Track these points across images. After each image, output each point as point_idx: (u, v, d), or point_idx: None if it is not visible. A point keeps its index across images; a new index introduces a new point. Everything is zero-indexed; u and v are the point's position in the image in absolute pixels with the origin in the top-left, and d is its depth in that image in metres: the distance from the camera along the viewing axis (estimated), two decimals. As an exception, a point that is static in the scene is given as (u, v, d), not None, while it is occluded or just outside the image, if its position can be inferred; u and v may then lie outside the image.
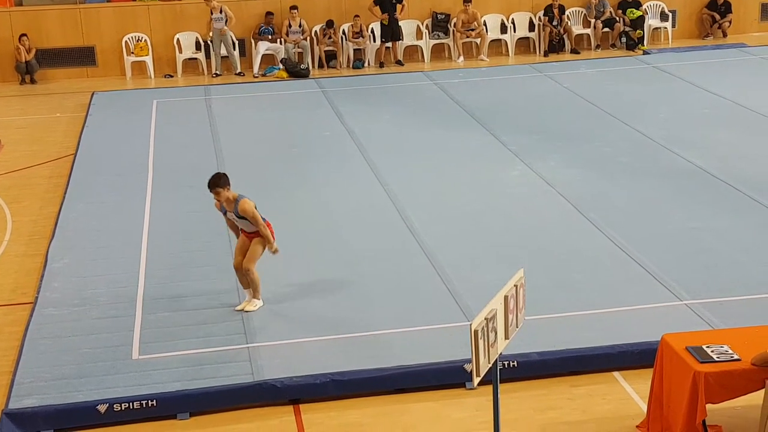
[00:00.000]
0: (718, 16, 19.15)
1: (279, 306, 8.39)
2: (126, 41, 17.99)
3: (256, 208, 8.11)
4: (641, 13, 18.79)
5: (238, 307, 8.26)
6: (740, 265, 8.83)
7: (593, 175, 11.50)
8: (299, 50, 18.12)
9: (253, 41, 18.12)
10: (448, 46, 18.80)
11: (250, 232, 8.20)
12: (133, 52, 18.04)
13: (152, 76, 18.00)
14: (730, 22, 19.16)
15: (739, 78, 15.89)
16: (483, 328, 5.64)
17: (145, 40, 18.02)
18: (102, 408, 6.84)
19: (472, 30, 18.55)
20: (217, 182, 8.03)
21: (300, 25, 18.10)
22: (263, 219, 8.14)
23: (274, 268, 8.93)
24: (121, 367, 7.37)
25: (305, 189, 11.38)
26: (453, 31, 18.59)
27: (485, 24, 18.72)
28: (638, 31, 18.69)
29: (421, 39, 18.69)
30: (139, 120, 14.76)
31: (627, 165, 11.80)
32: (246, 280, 8.27)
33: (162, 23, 18.14)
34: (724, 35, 19.20)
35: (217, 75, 17.84)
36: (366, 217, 10.45)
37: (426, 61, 18.61)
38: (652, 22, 19.12)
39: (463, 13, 18.50)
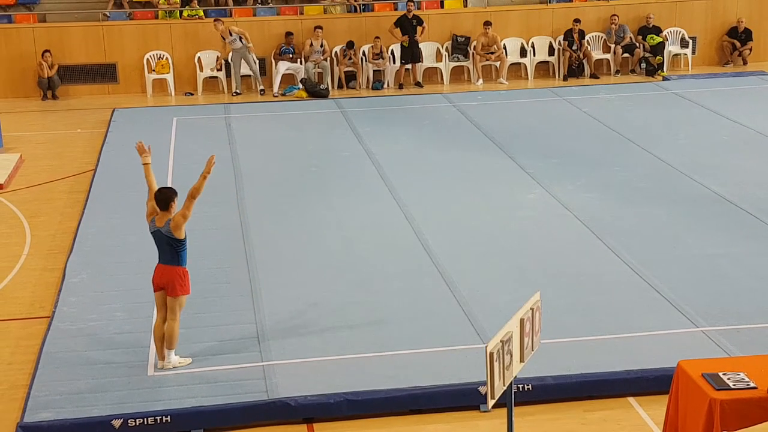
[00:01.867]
0: (738, 44, 19.13)
1: (294, 324, 8.40)
2: (147, 59, 18.17)
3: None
4: (661, 39, 18.80)
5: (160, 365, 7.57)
6: (757, 292, 8.78)
7: (610, 199, 11.49)
8: (319, 70, 18.23)
9: (273, 61, 18.25)
10: (468, 68, 18.87)
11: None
12: (154, 70, 18.21)
13: (173, 93, 18.15)
14: (750, 49, 19.14)
15: (758, 106, 15.85)
16: (498, 351, 5.63)
17: (167, 58, 18.19)
18: (116, 423, 6.86)
19: (492, 53, 18.61)
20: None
21: (321, 46, 18.22)
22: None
23: (291, 286, 8.96)
24: (137, 383, 7.39)
25: (323, 208, 11.42)
26: (473, 53, 18.66)
27: (505, 47, 18.78)
28: (658, 57, 18.70)
29: (441, 61, 18.77)
30: (159, 137, 14.85)
31: (644, 190, 11.78)
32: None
33: (183, 41, 18.31)
34: (745, 63, 19.17)
35: (237, 94, 17.96)
36: (383, 237, 10.46)
37: (445, 83, 18.68)
38: (672, 48, 19.13)
39: (483, 36, 18.57)
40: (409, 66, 18.48)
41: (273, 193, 12.04)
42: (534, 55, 18.96)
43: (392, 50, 18.48)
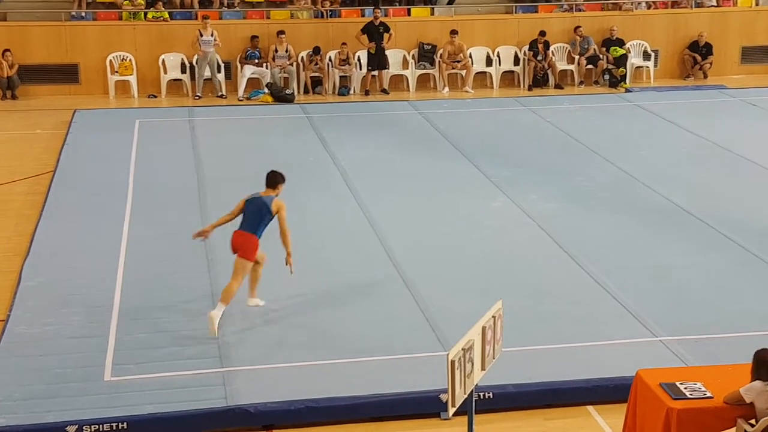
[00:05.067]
0: (699, 58, 19.38)
1: (256, 330, 8.34)
2: (110, 60, 17.97)
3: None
4: (624, 52, 18.99)
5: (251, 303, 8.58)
6: (715, 303, 8.88)
7: (573, 209, 11.56)
8: (285, 75, 18.17)
9: (239, 64, 18.15)
10: (434, 76, 18.92)
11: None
12: (117, 71, 18.02)
13: (136, 96, 17.98)
14: (711, 63, 19.40)
15: (718, 119, 16.06)
16: (460, 359, 5.63)
17: (130, 60, 18.02)
18: (71, 429, 6.73)
19: (458, 62, 18.68)
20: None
21: (287, 51, 18.17)
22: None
23: (262, 294, 8.89)
24: (93, 389, 7.28)
25: (288, 213, 11.33)
26: (439, 61, 18.72)
27: (471, 56, 18.86)
28: (621, 69, 18.88)
29: (407, 69, 18.80)
30: (121, 139, 14.71)
31: (607, 200, 11.87)
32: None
33: (148, 43, 18.14)
34: (705, 76, 19.43)
35: (198, 97, 17.84)
36: (347, 243, 10.43)
37: (411, 90, 18.71)
38: (634, 60, 19.32)
39: (449, 45, 18.63)
40: (375, 73, 18.48)
41: (236, 198, 11.86)
42: (500, 64, 19.06)
43: (359, 56, 18.47)
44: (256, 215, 8.37)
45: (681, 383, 6.22)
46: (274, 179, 8.59)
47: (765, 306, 8.83)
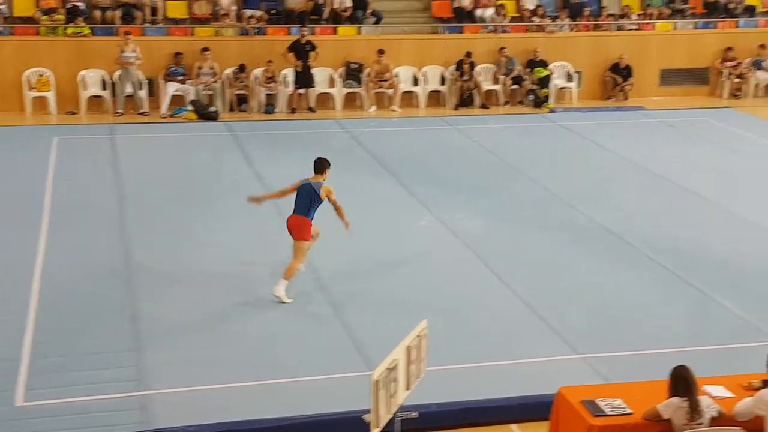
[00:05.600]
0: (620, 80, 19.80)
1: (176, 351, 8.16)
2: (27, 76, 17.52)
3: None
4: (548, 73, 19.30)
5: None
6: (635, 320, 9.01)
7: (499, 227, 11.64)
8: (209, 92, 17.98)
9: (162, 81, 17.89)
10: (361, 95, 18.93)
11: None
12: (34, 87, 17.58)
13: (54, 112, 17.55)
14: (631, 85, 19.84)
15: (638, 139, 16.41)
16: (384, 379, 5.59)
17: (48, 76, 17.58)
18: (-19, 456, 6.49)
19: (385, 81, 18.74)
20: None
21: (211, 68, 17.99)
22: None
23: (175, 311, 8.71)
24: (4, 414, 7.01)
25: (210, 231, 11.19)
26: (366, 80, 18.75)
27: (398, 75, 18.94)
28: (545, 90, 19.18)
29: (334, 87, 18.78)
30: (38, 156, 14.32)
31: (531, 219, 12.00)
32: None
33: (66, 59, 17.72)
34: (626, 98, 19.86)
35: (119, 114, 17.51)
36: (271, 262, 10.29)
37: (338, 109, 18.69)
38: (558, 81, 19.65)
39: (376, 64, 18.68)
40: (302, 91, 18.41)
41: (158, 216, 11.73)
42: (426, 83, 19.18)
43: (285, 74, 18.39)
44: (306, 199, 9.13)
45: (601, 400, 6.28)
46: (321, 165, 9.26)
47: (683, 323, 9.01)
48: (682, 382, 6.06)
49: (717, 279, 9.92)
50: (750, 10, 21.02)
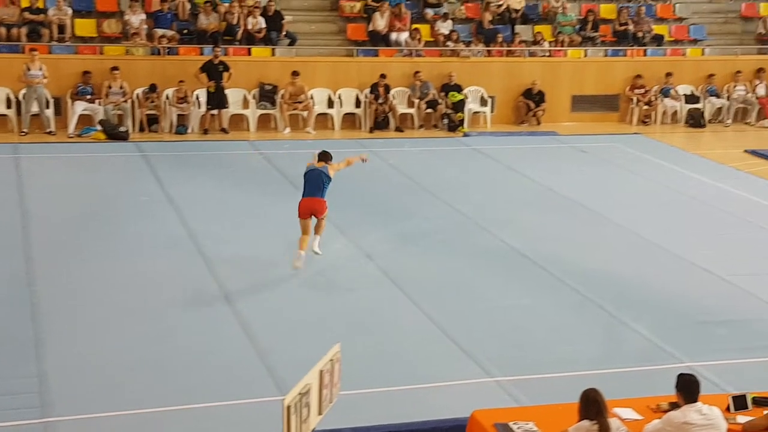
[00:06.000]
0: (533, 105, 20.15)
1: (82, 378, 7.89)
2: (-73, 93, 16.90)
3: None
4: (462, 97, 19.51)
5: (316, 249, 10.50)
6: (548, 342, 9.09)
7: (412, 250, 11.65)
8: (119, 112, 17.60)
9: (69, 100, 17.44)
10: (275, 116, 18.81)
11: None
12: (-65, 105, 16.95)
13: (-45, 131, 16.93)
14: (543, 110, 20.20)
15: (550, 163, 16.69)
16: (296, 404, 5.49)
17: (-51, 94, 16.99)
18: None
19: (299, 102, 18.66)
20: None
21: (121, 87, 17.63)
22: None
23: (80, 338, 8.42)
24: None
25: (118, 255, 10.90)
26: (280, 102, 18.63)
27: (312, 97, 18.89)
28: (459, 114, 19.38)
29: (248, 108, 18.61)
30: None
31: (445, 242, 12.04)
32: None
33: (-32, 77, 17.15)
34: (538, 123, 20.20)
35: (24, 134, 16.99)
36: (182, 285, 10.09)
37: (252, 130, 18.51)
38: (472, 106, 19.88)
39: (290, 86, 18.59)
40: (215, 112, 18.19)
41: (64, 239, 11.37)
42: (341, 106, 19.18)
43: (197, 95, 18.14)
44: (318, 181, 10.55)
45: (514, 423, 6.28)
46: (326, 156, 10.84)
47: (594, 346, 9.12)
48: (592, 405, 6.10)
49: (626, 302, 10.10)
50: (658, 39, 21.66)
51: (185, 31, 19.12)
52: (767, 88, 21.18)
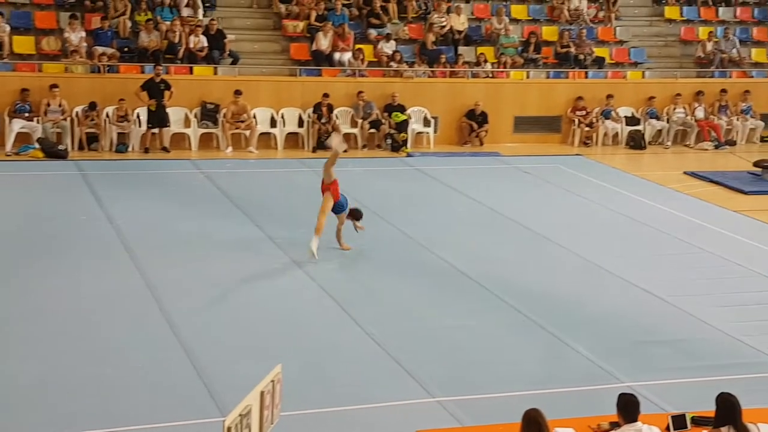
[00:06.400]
0: (475, 125, 20.32)
1: (15, 401, 7.68)
2: None
3: None
4: (405, 117, 19.60)
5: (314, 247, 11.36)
6: (491, 363, 9.11)
7: (355, 270, 11.63)
8: (58, 130, 17.32)
9: (7, 118, 17.10)
10: (217, 135, 18.67)
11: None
12: None
13: None
14: (486, 131, 20.37)
15: (492, 184, 16.82)
16: (237, 425, 5.42)
17: None
18: None
19: (242, 121, 18.56)
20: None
21: (60, 105, 17.36)
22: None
23: (14, 360, 8.21)
24: None
25: (55, 276, 10.68)
26: (222, 121, 18.51)
27: (255, 117, 18.80)
28: (402, 134, 19.45)
29: (189, 127, 18.45)
30: None
31: (388, 262, 12.03)
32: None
33: None
34: (481, 143, 20.36)
35: (-39, 152, 16.66)
36: (121, 307, 9.92)
37: (193, 149, 18.35)
38: (415, 126, 19.98)
39: (233, 104, 18.49)
40: (156, 130, 17.99)
41: (-2, 259, 11.11)
42: (284, 125, 19.12)
43: (138, 113, 17.93)
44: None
45: (457, 444, 6.26)
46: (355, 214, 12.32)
47: (536, 366, 9.16)
48: (533, 425, 6.11)
49: (568, 322, 10.17)
50: (599, 62, 22.02)
51: (126, 49, 18.92)
52: (706, 111, 21.65)
